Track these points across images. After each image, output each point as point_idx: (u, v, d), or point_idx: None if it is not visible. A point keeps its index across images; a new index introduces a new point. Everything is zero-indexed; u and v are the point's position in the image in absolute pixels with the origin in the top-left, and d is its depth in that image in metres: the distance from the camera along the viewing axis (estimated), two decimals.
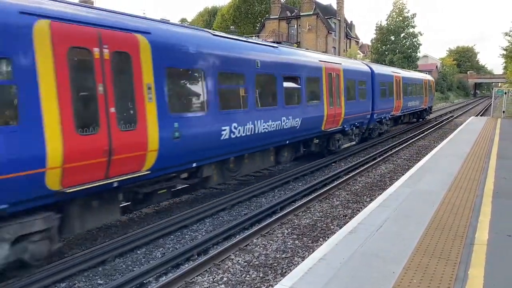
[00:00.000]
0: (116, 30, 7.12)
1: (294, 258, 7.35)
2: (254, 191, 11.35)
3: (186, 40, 8.78)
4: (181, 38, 8.72)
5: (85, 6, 7.28)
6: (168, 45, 8.19)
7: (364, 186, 12.57)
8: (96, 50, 6.70)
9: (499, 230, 6.36)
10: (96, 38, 6.69)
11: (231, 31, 42.52)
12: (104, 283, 6.49)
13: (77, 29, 6.45)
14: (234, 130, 9.95)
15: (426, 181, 9.64)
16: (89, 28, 6.64)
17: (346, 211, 10.05)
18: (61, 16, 6.27)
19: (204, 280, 6.55)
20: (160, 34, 8.12)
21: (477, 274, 4.85)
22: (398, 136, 24.80)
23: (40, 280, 6.25)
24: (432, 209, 7.41)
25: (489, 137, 17.70)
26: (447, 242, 5.85)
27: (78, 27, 6.48)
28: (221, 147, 9.72)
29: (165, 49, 8.09)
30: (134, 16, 8.12)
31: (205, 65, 9.10)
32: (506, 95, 30.85)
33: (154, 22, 8.48)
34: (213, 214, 9.74)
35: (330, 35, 60.11)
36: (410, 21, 61.61)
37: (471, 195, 8.32)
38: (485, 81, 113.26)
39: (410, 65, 58.58)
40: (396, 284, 4.60)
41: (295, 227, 8.96)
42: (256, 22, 71.13)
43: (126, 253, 7.58)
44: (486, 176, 10.07)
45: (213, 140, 9.34)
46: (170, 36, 8.45)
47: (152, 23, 8.31)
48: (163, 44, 8.05)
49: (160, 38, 8.02)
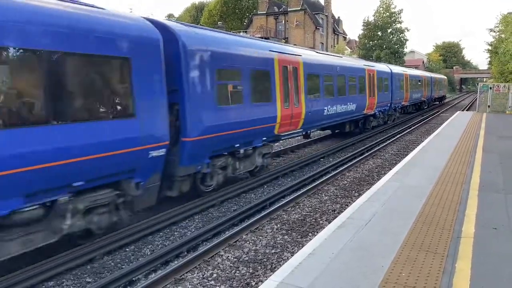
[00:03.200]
0: (293, 55, 13.64)
1: (284, 253, 7.37)
2: (243, 187, 11.34)
3: (315, 60, 15.73)
4: (313, 59, 15.67)
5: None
6: (308, 62, 14.50)
7: (353, 181, 12.65)
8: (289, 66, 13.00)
9: (485, 223, 6.45)
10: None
11: (219, 27, 42.31)
12: (93, 281, 6.43)
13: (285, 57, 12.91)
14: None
15: (414, 176, 9.73)
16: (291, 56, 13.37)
17: (335, 206, 10.10)
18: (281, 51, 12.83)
19: (194, 276, 6.54)
20: (305, 57, 14.54)
21: (464, 267, 4.92)
22: (386, 131, 25.00)
23: (28, 279, 6.17)
24: (419, 203, 7.49)
25: (475, 132, 17.94)
26: (434, 235, 5.92)
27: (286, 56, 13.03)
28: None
29: (308, 64, 14.44)
30: (296, 47, 16.46)
31: (321, 72, 15.76)
32: (491, 90, 31.25)
33: (303, 50, 16.11)
34: (202, 211, 9.71)
35: (317, 30, 60.25)
36: (397, 16, 62.14)
37: (457, 189, 8.43)
38: (471, 76, 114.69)
39: (397, 60, 59.04)
40: (385, 278, 4.64)
41: (284, 222, 8.98)
42: (244, 17, 70.95)
43: (115, 250, 7.52)
44: (472, 170, 10.21)
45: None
46: (310, 58, 15.21)
47: (302, 50, 15.48)
48: (308, 62, 14.53)
49: (305, 59, 14.45)
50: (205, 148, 9.54)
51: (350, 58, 26.33)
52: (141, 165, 7.72)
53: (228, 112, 10.15)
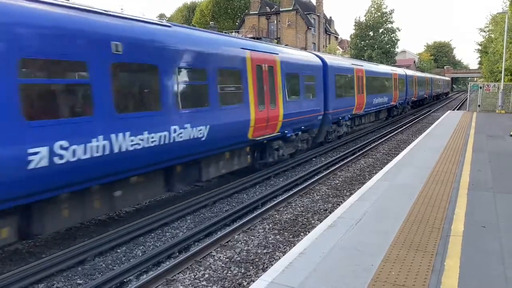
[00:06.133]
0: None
1: (276, 253, 7.39)
2: (235, 187, 11.35)
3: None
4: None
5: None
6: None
7: (344, 180, 12.71)
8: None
9: (474, 221, 6.52)
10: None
11: (211, 27, 42.22)
12: (84, 283, 6.40)
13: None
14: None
15: (404, 175, 9.80)
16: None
17: (326, 206, 10.15)
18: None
19: (186, 277, 6.53)
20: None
21: (453, 265, 4.97)
22: (377, 130, 25.14)
23: (18, 281, 6.13)
24: (410, 202, 7.55)
25: (465, 131, 18.10)
26: (424, 234, 5.97)
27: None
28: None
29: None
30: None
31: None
32: (481, 90, 31.53)
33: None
34: (194, 211, 9.70)
35: (309, 30, 60.44)
36: (388, 16, 62.45)
37: (447, 188, 8.51)
38: (461, 76, 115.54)
39: (388, 60, 59.36)
40: (375, 277, 4.67)
41: (276, 222, 9.01)
42: (236, 17, 70.93)
43: (106, 252, 7.50)
44: (462, 169, 10.30)
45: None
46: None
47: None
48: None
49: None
50: (331, 117, 17.74)
51: (386, 67, 33.36)
52: (315, 122, 16.15)
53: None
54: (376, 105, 25.17)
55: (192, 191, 11.33)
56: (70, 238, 8.18)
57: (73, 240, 8.06)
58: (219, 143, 10.35)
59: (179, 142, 8.76)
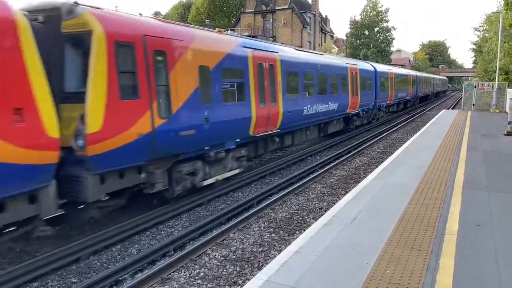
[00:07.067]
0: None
1: (271, 252, 7.40)
2: (230, 186, 11.34)
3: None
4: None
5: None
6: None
7: (339, 179, 12.73)
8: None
9: (469, 220, 6.55)
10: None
11: (206, 25, 42.14)
12: (78, 281, 6.38)
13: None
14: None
15: (399, 173, 9.83)
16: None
17: (321, 204, 10.17)
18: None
19: (181, 276, 6.52)
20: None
21: (448, 263, 4.99)
22: (372, 129, 25.21)
23: (12, 279, 6.10)
24: (404, 200, 7.57)
25: (459, 130, 18.18)
26: (419, 233, 5.99)
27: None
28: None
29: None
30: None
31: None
32: (476, 89, 31.67)
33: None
34: (189, 210, 9.69)
35: (305, 29, 60.38)
36: (384, 15, 62.55)
37: (442, 187, 8.54)
38: (456, 75, 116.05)
39: (383, 59, 59.48)
40: (370, 275, 4.68)
41: (271, 220, 9.01)
42: (231, 15, 70.81)
43: (100, 250, 7.47)
44: (457, 167, 10.34)
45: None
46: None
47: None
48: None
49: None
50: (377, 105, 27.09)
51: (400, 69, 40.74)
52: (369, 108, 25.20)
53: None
54: (400, 98, 35.32)
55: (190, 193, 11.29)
56: (65, 236, 8.14)
57: (68, 238, 8.02)
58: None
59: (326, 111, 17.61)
